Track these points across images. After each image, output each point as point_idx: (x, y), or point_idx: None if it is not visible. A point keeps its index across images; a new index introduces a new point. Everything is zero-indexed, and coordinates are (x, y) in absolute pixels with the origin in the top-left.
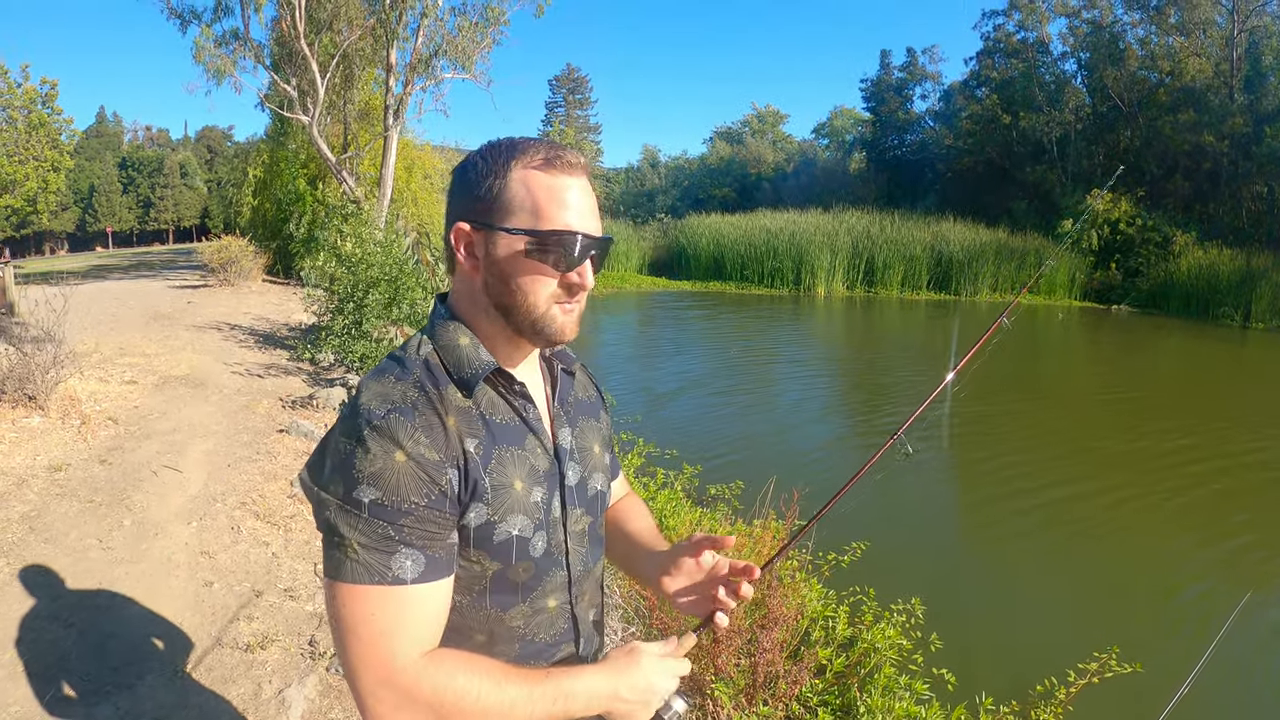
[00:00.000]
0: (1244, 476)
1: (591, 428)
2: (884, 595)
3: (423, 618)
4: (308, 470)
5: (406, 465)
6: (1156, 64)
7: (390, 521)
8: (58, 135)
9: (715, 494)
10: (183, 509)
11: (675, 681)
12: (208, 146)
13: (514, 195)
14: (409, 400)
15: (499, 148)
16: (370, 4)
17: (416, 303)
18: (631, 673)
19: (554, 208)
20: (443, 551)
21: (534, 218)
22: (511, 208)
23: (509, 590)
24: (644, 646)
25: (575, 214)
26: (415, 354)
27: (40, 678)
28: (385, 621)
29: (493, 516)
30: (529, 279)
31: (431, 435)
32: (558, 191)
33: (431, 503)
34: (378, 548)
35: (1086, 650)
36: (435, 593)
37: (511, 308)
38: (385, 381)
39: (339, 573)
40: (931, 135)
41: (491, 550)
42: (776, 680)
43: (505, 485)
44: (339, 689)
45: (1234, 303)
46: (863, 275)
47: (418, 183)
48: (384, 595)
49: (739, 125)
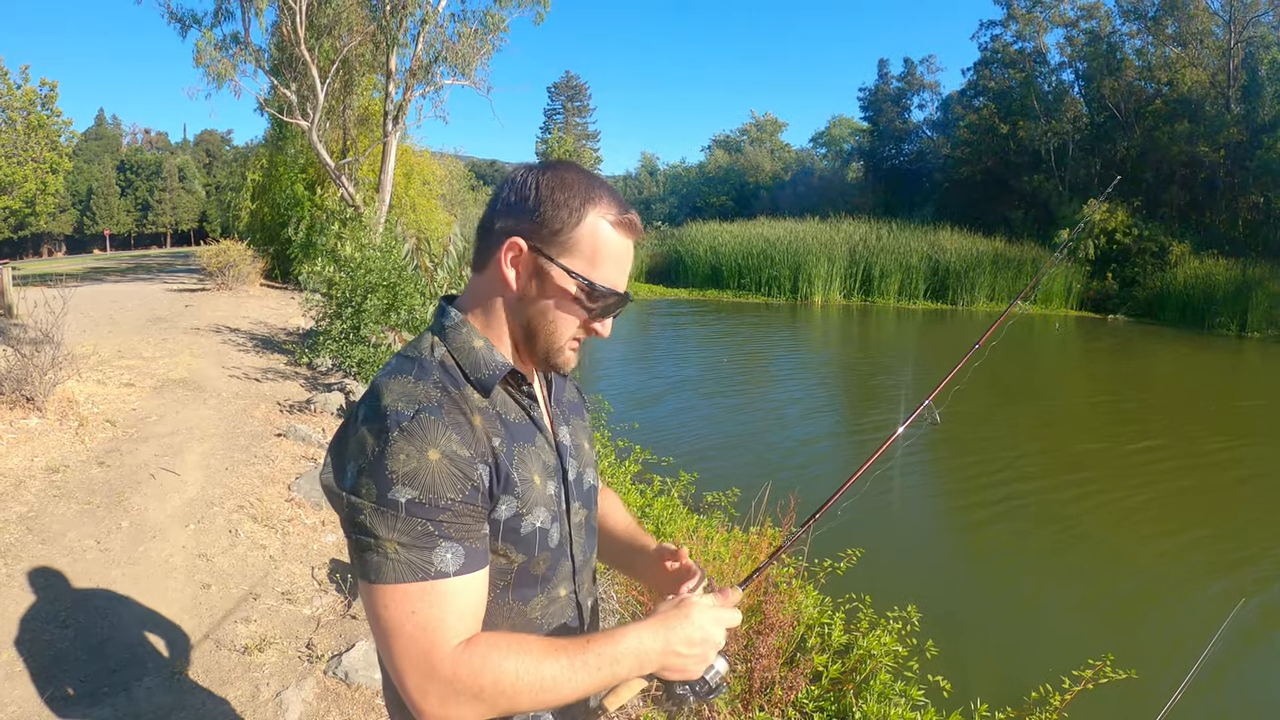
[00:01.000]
0: (1239, 485)
1: (580, 426)
2: (880, 602)
3: (464, 609)
4: (330, 476)
5: (441, 463)
6: (1154, 74)
7: (429, 519)
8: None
9: (712, 501)
10: (180, 512)
11: (724, 633)
12: (206, 150)
13: (581, 238)
14: (434, 400)
15: (575, 185)
16: (371, 10)
17: (415, 309)
18: (683, 625)
19: (610, 266)
20: (479, 543)
21: (590, 265)
22: (577, 249)
23: (530, 583)
24: (694, 597)
25: (621, 274)
26: (430, 355)
27: (38, 678)
28: (427, 616)
29: (521, 509)
30: (565, 317)
31: (461, 433)
32: (618, 250)
33: (466, 497)
34: (418, 545)
35: (1081, 657)
36: (474, 584)
37: (536, 334)
38: (404, 381)
39: (379, 575)
40: (929, 145)
41: (518, 543)
42: (773, 686)
43: (529, 480)
44: (336, 692)
45: (1230, 312)
46: (860, 284)
47: (416, 189)
48: (425, 590)
49: (737, 133)
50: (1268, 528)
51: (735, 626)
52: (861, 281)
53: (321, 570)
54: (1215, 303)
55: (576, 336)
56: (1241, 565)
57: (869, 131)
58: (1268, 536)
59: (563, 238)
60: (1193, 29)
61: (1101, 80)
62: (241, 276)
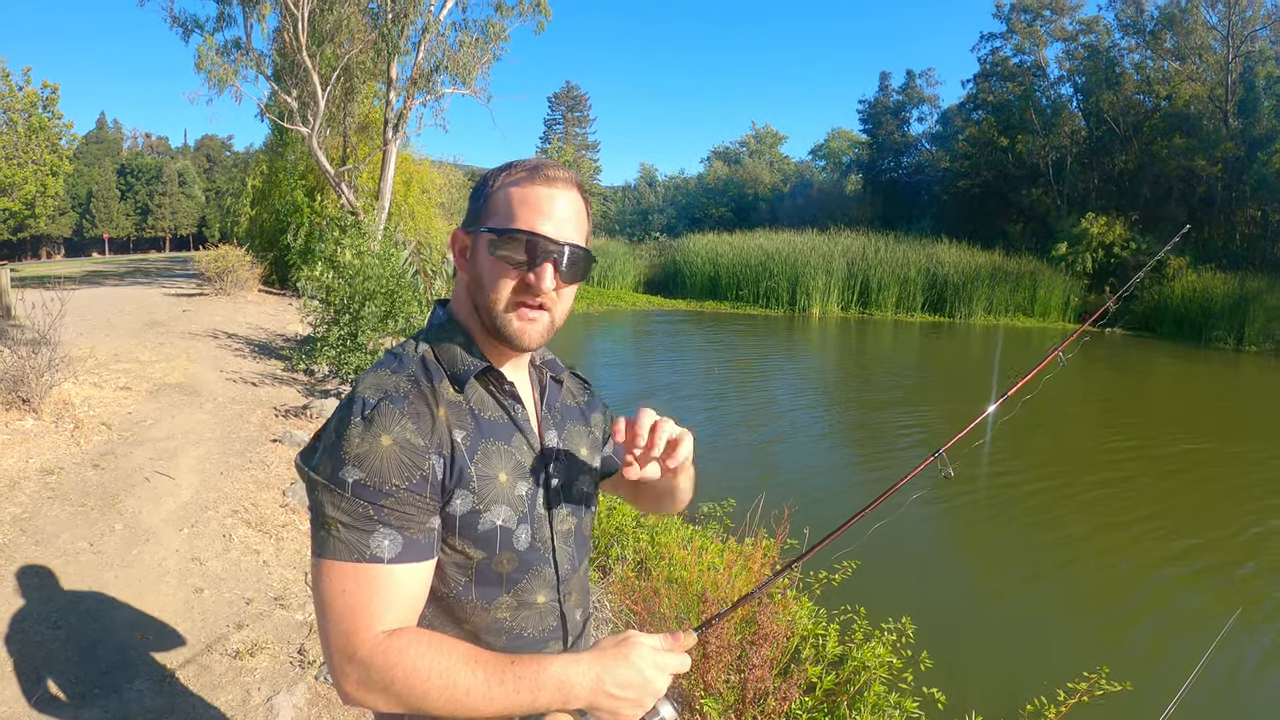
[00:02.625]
0: (1235, 497)
1: (580, 432)
2: (874, 613)
3: (395, 597)
4: (301, 455)
5: (391, 449)
6: (1152, 88)
7: (371, 501)
8: (57, 139)
9: (708, 512)
10: (174, 515)
11: (668, 679)
12: (207, 155)
13: (495, 201)
14: (401, 390)
15: (501, 166)
16: (372, 18)
17: (413, 316)
18: (619, 666)
19: (522, 210)
20: (422, 535)
21: (504, 220)
22: (489, 211)
23: (493, 581)
24: (638, 637)
25: (541, 218)
26: (413, 351)
27: (28, 679)
28: (356, 598)
29: (478, 505)
30: (491, 276)
31: (419, 422)
32: (530, 198)
33: (412, 486)
34: (358, 526)
35: (1076, 669)
36: (411, 574)
37: (480, 305)
38: (381, 374)
39: (321, 550)
40: (928, 157)
41: (475, 539)
42: (766, 697)
43: (490, 476)
44: (328, 698)
45: (1227, 326)
46: (857, 296)
47: (415, 197)
48: (358, 572)
49: (737, 145)
50: (1262, 539)
51: (682, 672)
52: (859, 294)
53: None
54: (1213, 316)
55: (520, 300)
56: (1236, 576)
57: (868, 144)
58: (1262, 547)
59: (484, 210)
60: (1191, 43)
61: (1100, 94)
62: (240, 282)
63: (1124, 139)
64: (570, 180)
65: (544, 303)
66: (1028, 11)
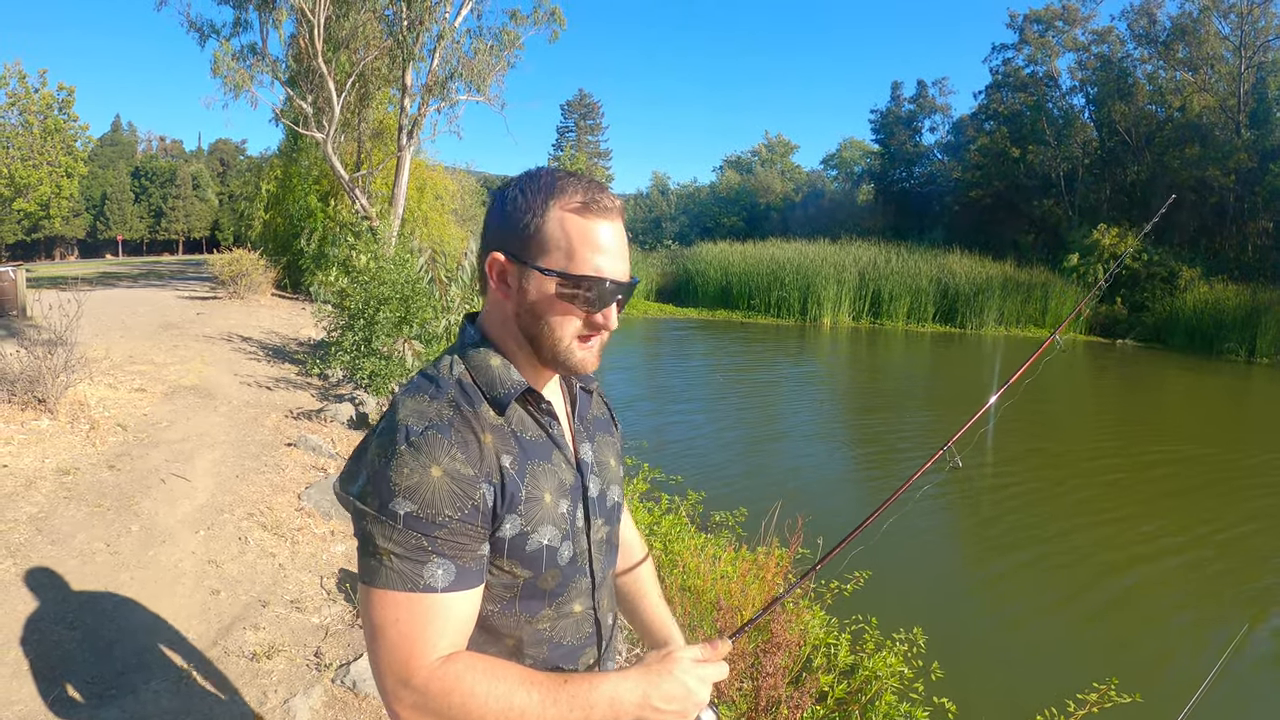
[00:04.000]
0: (1246, 509)
1: (607, 443)
2: (886, 623)
3: (448, 625)
4: (340, 481)
5: (442, 480)
6: (1164, 99)
7: (424, 533)
8: (72, 141)
9: (720, 520)
10: (190, 517)
11: (709, 689)
12: (221, 159)
13: (550, 235)
14: (444, 418)
15: (539, 183)
16: (388, 25)
17: (428, 321)
18: (665, 681)
19: (586, 251)
20: (473, 563)
21: (567, 259)
22: (547, 247)
23: (537, 597)
24: (679, 651)
25: (606, 258)
26: (449, 373)
27: (44, 678)
28: (411, 626)
29: (526, 527)
30: (557, 318)
31: (467, 452)
32: (591, 235)
33: (464, 516)
34: (411, 557)
35: (1086, 680)
36: (463, 602)
37: (538, 340)
38: (420, 400)
39: (374, 579)
40: (940, 168)
41: (524, 560)
42: (778, 705)
43: (537, 498)
44: (344, 701)
45: (1239, 338)
46: (869, 306)
47: (429, 203)
48: (413, 602)
49: (749, 154)
50: (1273, 553)
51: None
52: (870, 304)
53: (330, 580)
54: (1224, 328)
55: (582, 335)
56: (1246, 590)
57: (880, 154)
58: (1273, 561)
59: (534, 240)
60: (1203, 53)
61: (1112, 105)
62: (253, 286)
63: (1136, 150)
64: (619, 209)
65: None
66: (1040, 22)
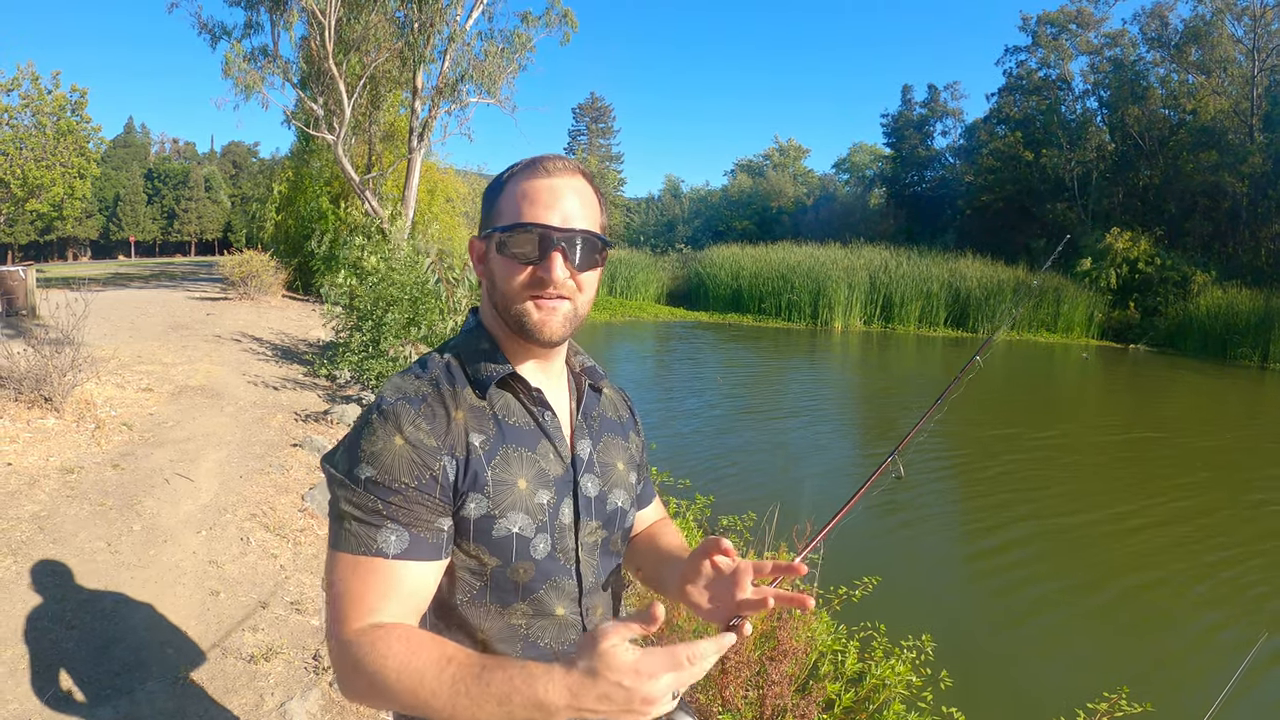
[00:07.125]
0: (1262, 518)
1: (617, 445)
2: (894, 630)
3: (394, 592)
4: (326, 454)
5: (404, 448)
6: (1178, 102)
7: (381, 498)
8: (85, 143)
9: (728, 525)
10: (193, 518)
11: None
12: (233, 161)
13: (501, 203)
14: (420, 393)
15: (508, 169)
16: (399, 27)
17: (435, 324)
18: (593, 683)
19: (524, 205)
20: (429, 534)
21: (510, 218)
22: (497, 214)
23: (509, 589)
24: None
25: (545, 209)
26: (439, 357)
27: (41, 677)
28: (353, 586)
29: (493, 510)
30: (503, 274)
31: (433, 423)
32: (531, 192)
33: (422, 485)
34: (368, 520)
35: (1097, 690)
36: (414, 571)
37: (499, 305)
38: (406, 379)
39: (335, 542)
40: (951, 172)
41: (491, 545)
42: (784, 713)
43: (508, 482)
44: (342, 704)
45: (1252, 343)
46: (880, 310)
47: (439, 205)
48: (362, 564)
49: (760, 158)
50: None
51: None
52: (882, 308)
53: None
54: (1237, 333)
55: (535, 293)
56: (1263, 601)
57: (891, 158)
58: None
59: (493, 213)
60: (1215, 56)
61: (1125, 108)
62: (263, 287)
63: (1149, 153)
64: (571, 168)
65: (562, 292)
66: (1053, 25)
